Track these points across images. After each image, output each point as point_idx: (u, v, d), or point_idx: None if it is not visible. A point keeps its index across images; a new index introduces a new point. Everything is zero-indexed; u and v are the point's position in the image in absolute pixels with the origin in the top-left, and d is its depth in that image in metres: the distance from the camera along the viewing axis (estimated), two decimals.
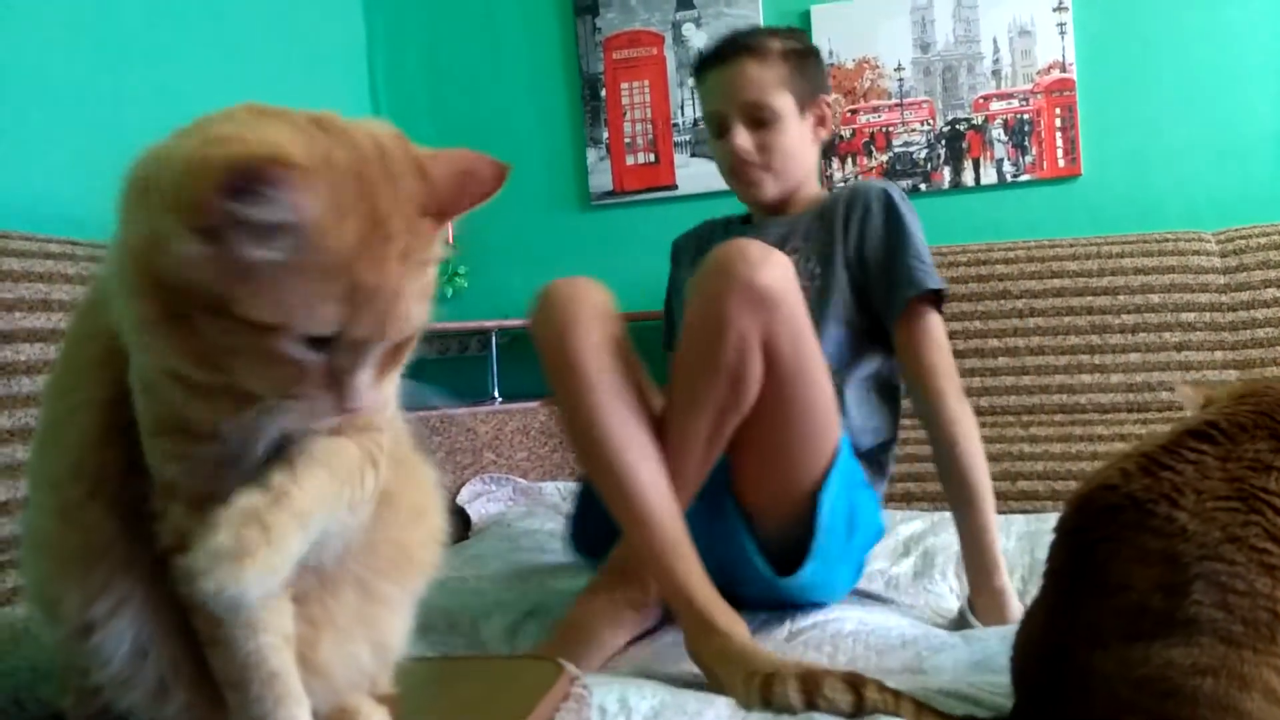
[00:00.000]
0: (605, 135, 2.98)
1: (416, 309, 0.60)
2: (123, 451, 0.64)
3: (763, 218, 1.82)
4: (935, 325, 1.63)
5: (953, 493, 1.59)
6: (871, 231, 1.67)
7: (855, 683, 1.11)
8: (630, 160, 2.96)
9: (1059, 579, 1.03)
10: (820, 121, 1.78)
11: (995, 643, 1.37)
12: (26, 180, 1.69)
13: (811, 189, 1.82)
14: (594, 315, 1.32)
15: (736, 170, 1.73)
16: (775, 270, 1.31)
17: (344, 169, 0.56)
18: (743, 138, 1.69)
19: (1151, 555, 0.92)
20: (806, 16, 2.84)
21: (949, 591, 1.74)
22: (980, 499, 1.56)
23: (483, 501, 2.50)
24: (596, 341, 1.31)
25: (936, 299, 1.65)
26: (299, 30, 2.59)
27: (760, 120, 1.69)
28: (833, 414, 1.44)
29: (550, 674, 0.90)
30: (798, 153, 1.74)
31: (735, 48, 1.72)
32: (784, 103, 1.70)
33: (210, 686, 0.64)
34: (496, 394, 2.80)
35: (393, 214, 0.57)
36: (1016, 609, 1.49)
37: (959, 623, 1.53)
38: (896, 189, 1.72)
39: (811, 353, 1.37)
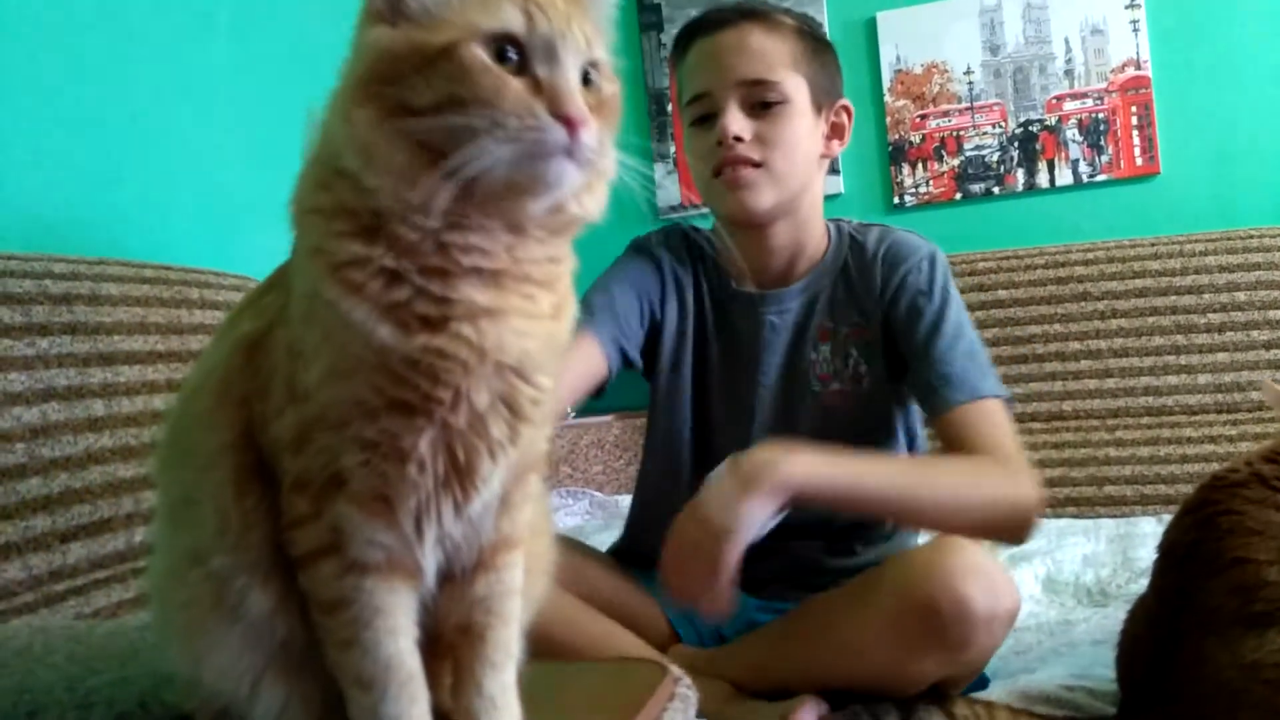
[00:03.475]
0: (672, 150, 2.99)
1: (595, 38, 0.63)
2: (260, 498, 0.64)
3: (758, 267, 1.40)
4: (989, 420, 1.27)
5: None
6: (912, 312, 1.33)
7: (940, 700, 1.10)
8: None
9: (1173, 557, 1.02)
10: (836, 133, 1.41)
11: (1090, 650, 1.34)
12: (118, 208, 1.75)
13: (817, 231, 1.42)
14: None
15: (723, 167, 1.32)
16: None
17: None
18: (737, 120, 1.30)
19: (1273, 526, 0.91)
20: (873, 24, 2.83)
21: (1032, 596, 1.71)
22: (908, 462, 1.32)
23: (560, 515, 2.52)
24: None
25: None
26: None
27: (763, 103, 1.31)
28: None
29: (655, 675, 0.90)
30: (804, 157, 1.35)
31: (737, 11, 1.36)
32: (795, 86, 1.33)
33: None
34: (570, 409, 2.82)
35: None
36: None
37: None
38: (943, 254, 1.39)
39: None
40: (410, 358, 0.59)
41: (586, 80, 0.63)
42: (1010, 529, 1.21)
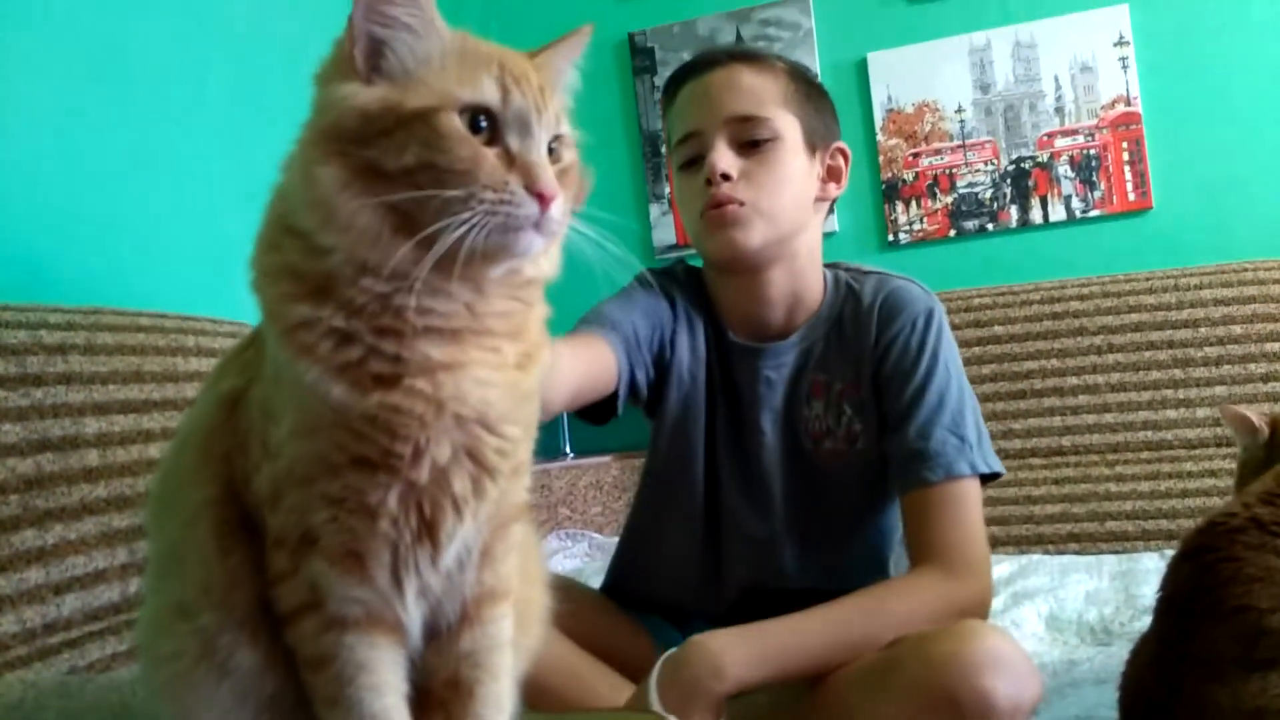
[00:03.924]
0: (667, 190, 3.01)
1: (563, 119, 0.64)
2: (244, 555, 0.64)
3: (754, 318, 1.35)
4: (953, 506, 1.21)
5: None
6: (897, 375, 1.28)
7: None
8: None
9: (1173, 604, 1.01)
10: (833, 176, 1.36)
11: (1094, 691, 1.33)
12: (116, 257, 1.75)
13: (815, 280, 1.36)
14: None
15: (710, 206, 1.27)
16: None
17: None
18: (725, 157, 1.26)
19: (1274, 573, 0.91)
20: (864, 64, 2.86)
21: (1035, 635, 1.70)
22: (843, 608, 1.17)
23: (560, 558, 2.50)
24: None
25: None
26: None
27: (752, 141, 1.28)
28: None
29: None
30: (796, 197, 1.30)
31: (726, 53, 1.35)
32: (786, 124, 1.29)
33: None
34: (569, 449, 2.81)
35: (507, 51, 0.64)
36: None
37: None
38: (940, 309, 1.33)
39: None
40: (367, 414, 0.59)
41: (550, 150, 0.64)
42: None
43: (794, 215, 1.31)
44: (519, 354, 0.64)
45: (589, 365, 1.24)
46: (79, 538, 1.34)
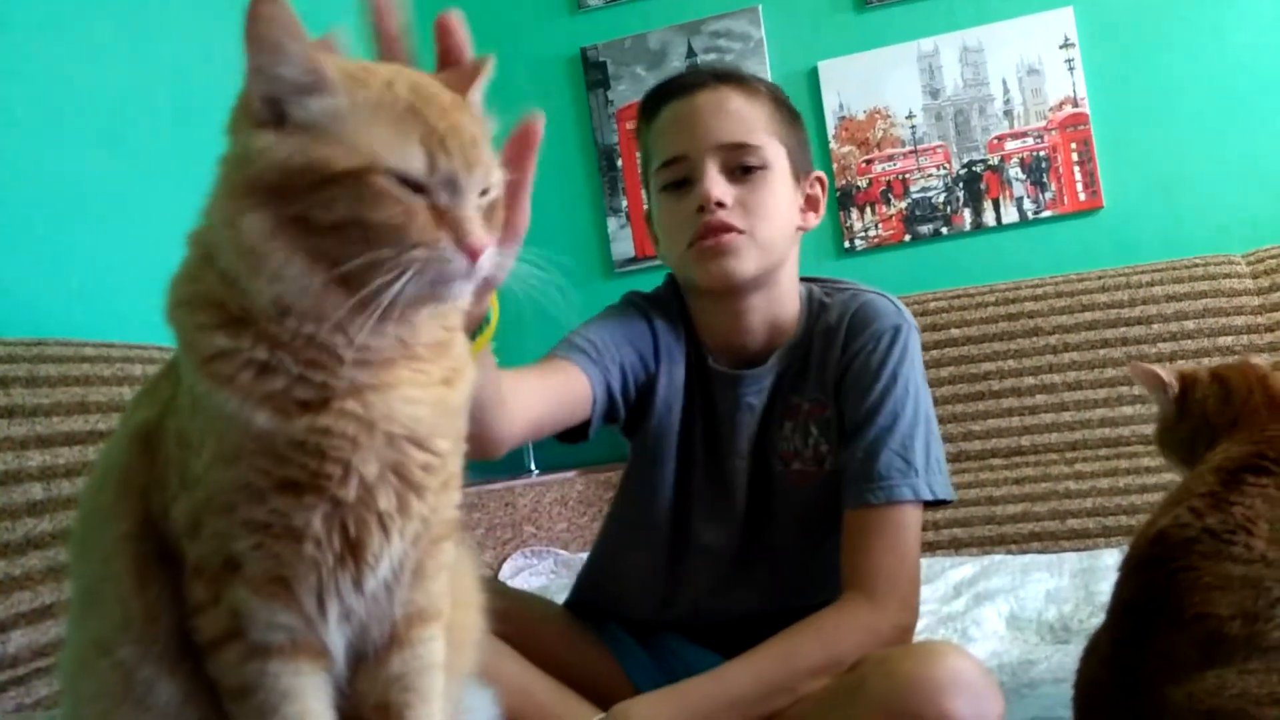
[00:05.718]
0: (624, 204, 3.01)
1: (491, 158, 0.63)
2: (163, 587, 0.64)
3: (734, 345, 1.34)
4: (889, 531, 1.21)
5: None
6: (854, 392, 1.26)
7: None
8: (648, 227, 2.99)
9: (1129, 612, 1.01)
10: (811, 205, 1.35)
11: (1052, 690, 1.33)
12: (62, 285, 1.73)
13: (792, 306, 1.34)
14: None
15: (704, 235, 1.24)
16: None
17: (353, 65, 0.63)
18: (719, 184, 1.23)
19: (1233, 581, 0.92)
20: (814, 73, 2.87)
21: (996, 634, 1.70)
22: (761, 657, 1.16)
23: (525, 576, 2.49)
24: None
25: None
26: None
27: (744, 168, 1.25)
28: None
29: None
30: (785, 227, 1.29)
31: (710, 74, 1.31)
32: (775, 153, 1.28)
33: None
34: (533, 466, 2.80)
35: (426, 80, 0.63)
36: None
37: None
38: (914, 328, 1.30)
39: None
40: (294, 440, 0.58)
41: (484, 194, 0.64)
42: None
43: (783, 244, 1.29)
44: (445, 371, 0.64)
45: (557, 393, 1.23)
46: (24, 573, 1.32)
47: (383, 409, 0.60)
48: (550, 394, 1.22)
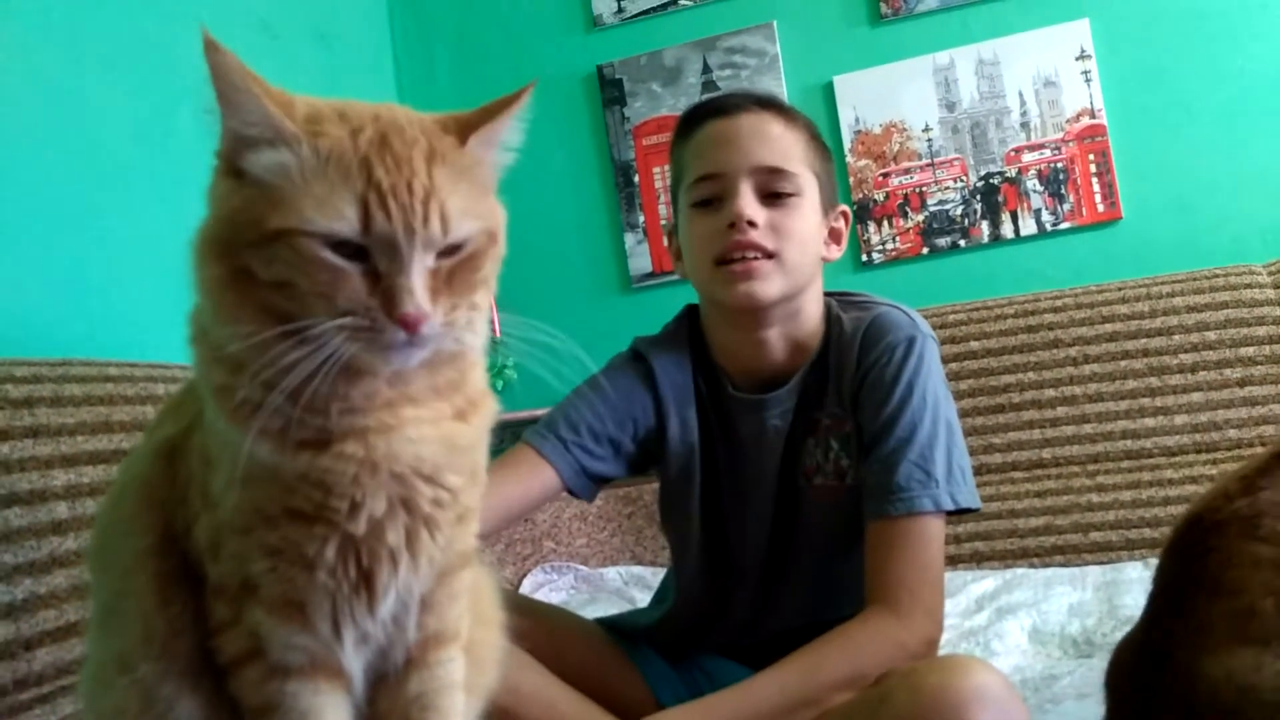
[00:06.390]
0: (641, 219, 3.02)
1: (459, 210, 0.59)
2: (185, 604, 0.64)
3: (754, 368, 1.35)
4: (910, 543, 1.21)
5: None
6: (870, 404, 1.27)
7: None
8: (666, 241, 3.00)
9: (1163, 591, 1.03)
10: (835, 238, 1.37)
11: (1075, 706, 1.32)
12: (86, 307, 1.75)
13: (814, 328, 1.35)
14: None
15: (732, 252, 1.25)
16: None
17: (326, 107, 0.60)
18: (751, 204, 1.25)
19: (1264, 562, 0.93)
20: (830, 87, 2.88)
21: (1018, 648, 1.69)
22: (784, 671, 1.16)
23: (545, 591, 2.49)
24: None
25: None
26: None
27: (776, 194, 1.27)
28: None
29: None
30: (812, 255, 1.31)
31: (753, 99, 1.33)
32: (808, 183, 1.30)
33: None
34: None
35: (406, 126, 0.59)
36: None
37: None
38: (930, 338, 1.30)
39: None
40: (298, 473, 0.58)
41: (453, 250, 0.60)
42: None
43: (808, 271, 1.30)
44: (457, 407, 0.64)
45: (518, 487, 1.29)
46: (49, 591, 1.33)
47: (385, 449, 0.59)
48: (513, 489, 1.28)
